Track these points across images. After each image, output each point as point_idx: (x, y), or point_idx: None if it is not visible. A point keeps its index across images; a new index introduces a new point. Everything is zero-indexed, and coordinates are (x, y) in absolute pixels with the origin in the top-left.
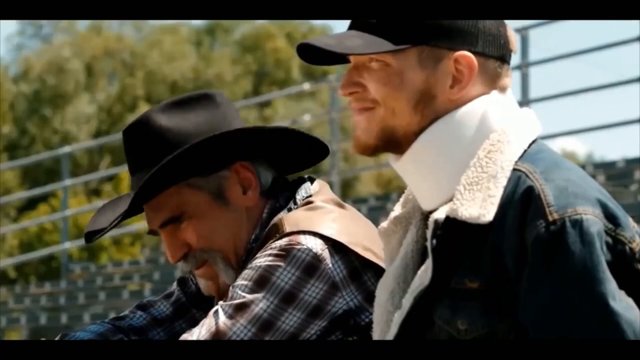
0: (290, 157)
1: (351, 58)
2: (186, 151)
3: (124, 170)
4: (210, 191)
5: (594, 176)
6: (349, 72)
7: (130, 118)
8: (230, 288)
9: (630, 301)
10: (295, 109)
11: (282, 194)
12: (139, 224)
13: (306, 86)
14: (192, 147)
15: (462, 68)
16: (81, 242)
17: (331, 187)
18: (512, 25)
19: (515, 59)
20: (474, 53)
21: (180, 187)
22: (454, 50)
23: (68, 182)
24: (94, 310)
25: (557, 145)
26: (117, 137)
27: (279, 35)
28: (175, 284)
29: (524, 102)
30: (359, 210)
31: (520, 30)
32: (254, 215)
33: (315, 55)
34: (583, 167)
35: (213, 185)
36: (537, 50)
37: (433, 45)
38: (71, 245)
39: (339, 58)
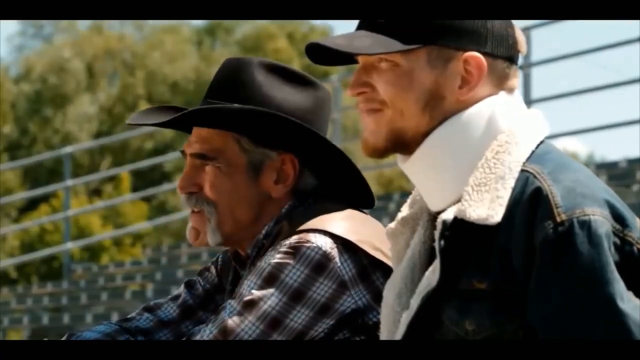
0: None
1: (360, 58)
2: (257, 111)
3: (124, 171)
4: (250, 160)
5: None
6: (357, 72)
7: None
8: (240, 285)
9: (638, 302)
10: None
11: (302, 197)
12: (140, 224)
13: None
14: (264, 113)
15: (471, 69)
16: (82, 242)
17: None
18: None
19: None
20: (483, 53)
21: (230, 137)
22: (463, 50)
23: (69, 182)
24: (96, 311)
25: (558, 146)
26: (118, 137)
27: (279, 35)
28: (182, 286)
29: (526, 102)
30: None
31: (522, 31)
32: (276, 208)
33: (323, 56)
34: (587, 167)
35: (256, 156)
36: (539, 50)
37: (442, 45)
38: (73, 246)
39: (348, 58)
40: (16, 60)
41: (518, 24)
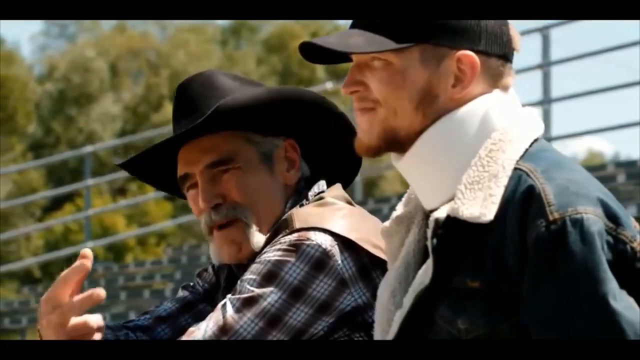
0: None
1: (353, 57)
2: (256, 101)
3: None
4: (262, 151)
5: (614, 175)
6: (351, 70)
7: (156, 117)
8: (239, 282)
9: (631, 301)
10: None
11: (303, 191)
12: (164, 223)
13: (329, 85)
14: (262, 100)
15: (465, 67)
16: (103, 241)
17: (354, 186)
18: (533, 25)
19: (536, 58)
20: (476, 52)
21: (237, 136)
22: (457, 48)
23: (90, 181)
24: (115, 310)
25: (583, 145)
26: (142, 136)
27: (303, 34)
28: (180, 290)
29: (545, 101)
30: (382, 209)
31: (542, 30)
32: (287, 196)
33: (318, 54)
34: (605, 166)
35: (266, 147)
36: (560, 49)
37: (435, 43)
38: (94, 245)
39: (342, 57)
40: (40, 60)
41: (537, 23)
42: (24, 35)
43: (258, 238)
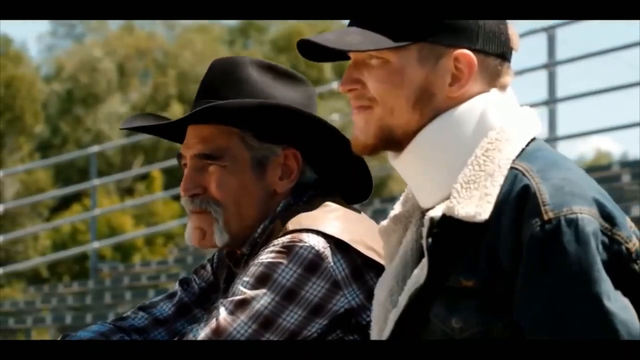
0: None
1: (351, 55)
2: (261, 104)
3: (156, 169)
4: (255, 156)
5: (619, 175)
6: (348, 68)
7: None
8: (232, 285)
9: (625, 301)
10: (326, 108)
11: (292, 201)
12: (171, 222)
13: (334, 85)
14: (276, 106)
15: (462, 66)
16: (109, 241)
17: None
18: (539, 24)
19: (542, 58)
20: (474, 50)
21: (234, 134)
22: (454, 47)
23: (96, 181)
24: (120, 310)
25: (590, 145)
26: (149, 136)
27: (311, 34)
28: (177, 284)
29: (551, 101)
30: (387, 210)
31: (547, 29)
32: (275, 203)
33: (315, 52)
34: (610, 166)
35: (261, 153)
36: (566, 48)
37: (433, 42)
38: (100, 245)
39: (340, 55)
40: (47, 60)
41: (543, 23)
42: (31, 35)
43: (222, 236)
